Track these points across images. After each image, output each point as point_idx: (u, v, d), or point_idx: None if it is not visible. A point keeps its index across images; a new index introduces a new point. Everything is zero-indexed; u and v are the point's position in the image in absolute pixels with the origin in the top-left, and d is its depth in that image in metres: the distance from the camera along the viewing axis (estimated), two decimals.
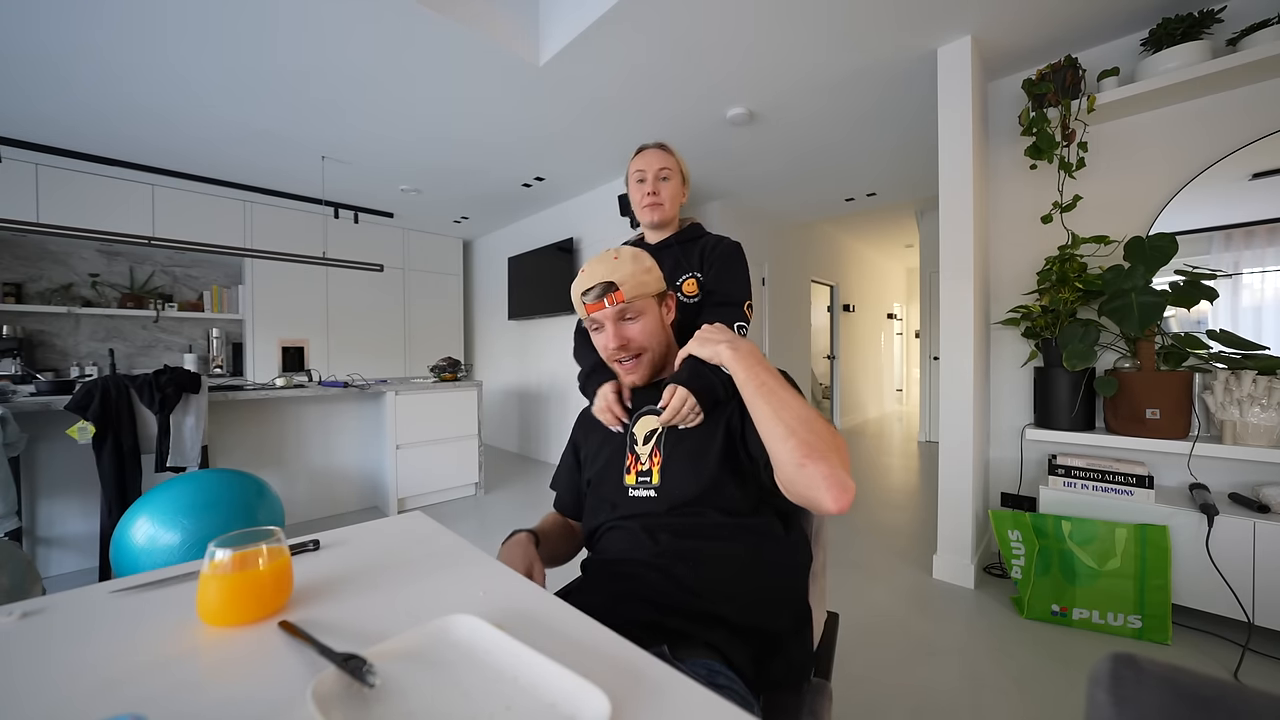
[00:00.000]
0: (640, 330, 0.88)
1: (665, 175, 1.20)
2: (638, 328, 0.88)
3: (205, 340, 4.34)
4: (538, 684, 0.44)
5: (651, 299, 0.90)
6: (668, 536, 0.79)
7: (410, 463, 3.27)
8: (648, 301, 0.89)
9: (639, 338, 0.88)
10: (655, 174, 1.20)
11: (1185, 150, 2.06)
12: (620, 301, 0.85)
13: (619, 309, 0.86)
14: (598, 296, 0.86)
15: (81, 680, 0.48)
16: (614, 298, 0.85)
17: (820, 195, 4.42)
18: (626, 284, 0.86)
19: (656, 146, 1.23)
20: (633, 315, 0.88)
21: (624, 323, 0.88)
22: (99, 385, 2.12)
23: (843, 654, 1.47)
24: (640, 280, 0.88)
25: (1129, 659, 0.40)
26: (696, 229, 1.26)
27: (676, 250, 1.22)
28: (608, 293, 0.85)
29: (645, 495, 0.84)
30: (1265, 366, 1.73)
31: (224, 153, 3.44)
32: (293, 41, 2.23)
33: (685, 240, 1.23)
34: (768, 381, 0.72)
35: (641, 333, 0.88)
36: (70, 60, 2.35)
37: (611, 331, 0.87)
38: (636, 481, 0.86)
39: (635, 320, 0.88)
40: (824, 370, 6.71)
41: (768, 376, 0.73)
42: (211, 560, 0.57)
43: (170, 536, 1.61)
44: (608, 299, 0.85)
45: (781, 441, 0.68)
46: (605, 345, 0.89)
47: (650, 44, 2.25)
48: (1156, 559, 1.73)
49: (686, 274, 1.19)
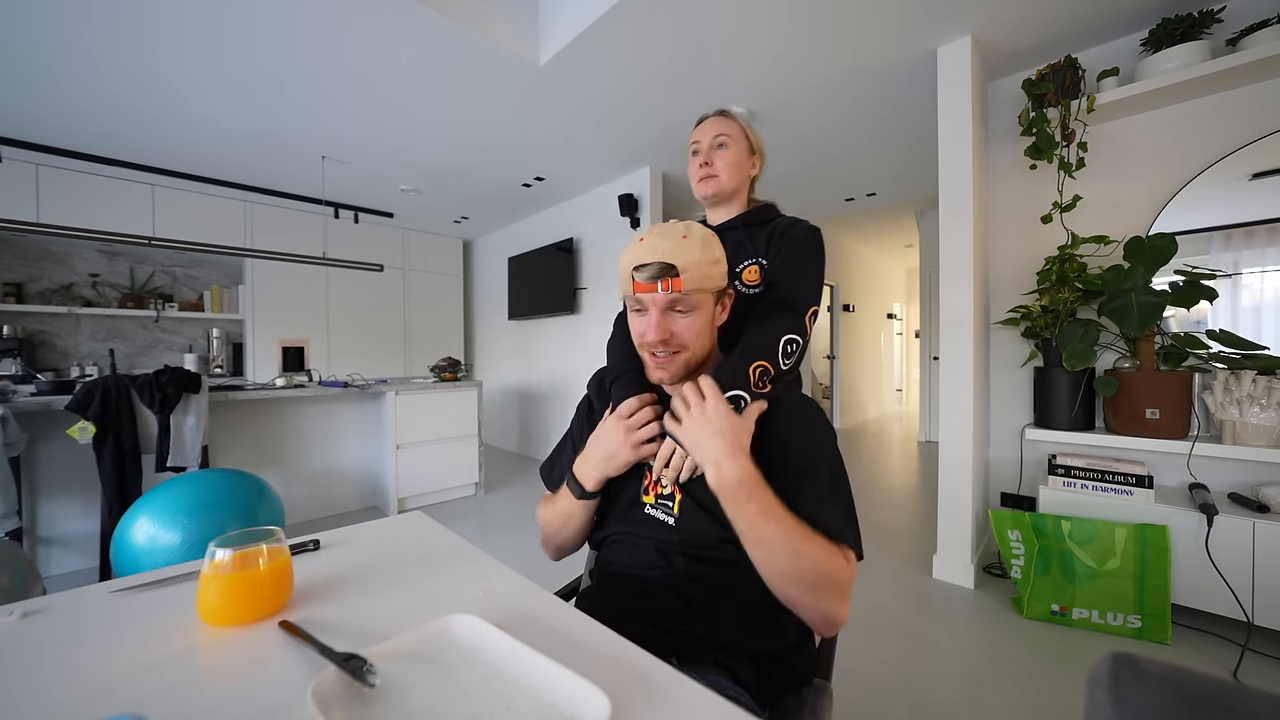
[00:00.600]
0: (688, 327, 0.76)
1: (722, 142, 1.03)
2: (686, 324, 0.76)
3: (205, 340, 4.34)
4: (538, 684, 0.44)
5: (710, 295, 0.78)
6: (682, 560, 0.76)
7: (410, 463, 3.27)
8: (705, 298, 0.77)
9: (684, 335, 0.76)
10: (710, 143, 1.04)
11: (1185, 150, 2.06)
12: (677, 290, 0.73)
13: (672, 298, 0.73)
14: (653, 277, 0.73)
15: (82, 680, 0.48)
16: (671, 284, 0.72)
17: (820, 195, 4.42)
18: (689, 272, 0.73)
19: (716, 114, 1.07)
20: (685, 309, 0.75)
21: (673, 314, 0.75)
22: (99, 385, 2.12)
23: (843, 654, 1.47)
24: (705, 272, 0.74)
25: (1128, 659, 0.40)
26: (769, 210, 1.07)
27: (741, 233, 1.03)
28: (665, 275, 0.72)
29: (663, 519, 0.78)
30: (1265, 366, 1.73)
31: (224, 153, 3.44)
32: (293, 41, 2.23)
33: (753, 223, 1.04)
34: (756, 526, 0.65)
35: (688, 330, 0.76)
36: (67, 60, 2.35)
37: (656, 321, 0.74)
38: (656, 502, 0.79)
39: (686, 315, 0.75)
40: (824, 370, 6.71)
41: (758, 519, 0.65)
42: (212, 560, 0.58)
43: (170, 536, 1.61)
44: (662, 283, 0.73)
45: (770, 580, 0.66)
46: (643, 333, 0.77)
47: (650, 44, 2.25)
48: (1156, 559, 1.73)
49: (749, 260, 1.01)
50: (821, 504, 0.69)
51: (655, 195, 3.77)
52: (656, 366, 0.78)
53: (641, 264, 0.74)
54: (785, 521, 0.65)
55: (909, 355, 9.25)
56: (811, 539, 0.65)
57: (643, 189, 3.76)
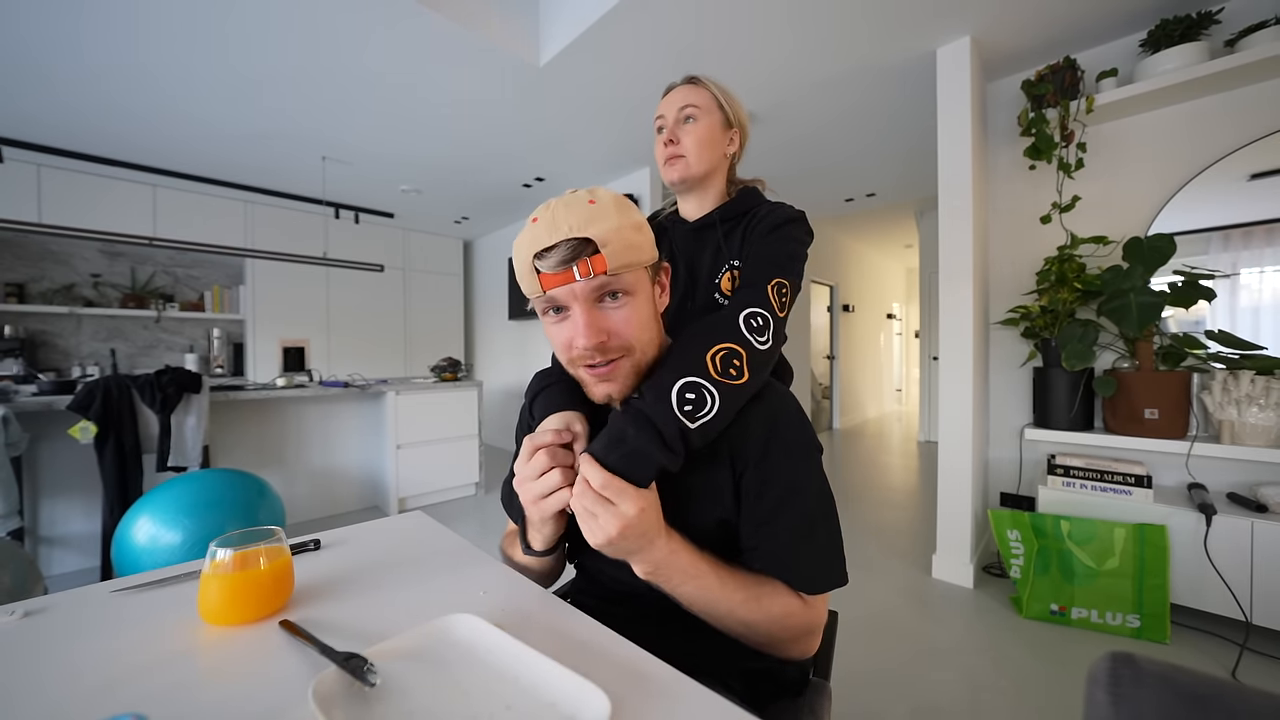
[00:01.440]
0: (627, 320, 0.58)
1: (690, 114, 0.84)
2: (623, 316, 0.58)
3: (206, 340, 4.34)
4: (538, 684, 0.45)
5: (644, 272, 0.60)
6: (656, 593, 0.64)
7: (411, 462, 3.27)
8: (639, 276, 0.59)
9: (624, 331, 0.59)
10: (676, 116, 0.85)
11: (1184, 151, 2.06)
12: (601, 272, 0.55)
13: (597, 283, 0.56)
14: (564, 261, 0.54)
15: (82, 680, 0.48)
16: (591, 264, 0.54)
17: (820, 195, 4.42)
18: (611, 244, 0.55)
19: (684, 82, 0.87)
20: (617, 295, 0.58)
21: (604, 308, 0.58)
22: (100, 385, 2.12)
23: (842, 654, 1.47)
24: (629, 241, 0.57)
25: (1127, 658, 0.40)
26: (751, 197, 0.86)
27: (717, 232, 0.84)
28: (580, 256, 0.54)
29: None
30: (1263, 366, 1.73)
31: (225, 153, 3.44)
32: (293, 41, 2.23)
33: (731, 217, 0.84)
34: (696, 605, 0.59)
35: (628, 324, 0.59)
36: (59, 59, 2.35)
37: (584, 320, 0.56)
38: None
39: (621, 305, 0.58)
40: (824, 370, 6.70)
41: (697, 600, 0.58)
42: (212, 560, 0.58)
43: (171, 536, 1.61)
44: (579, 266, 0.54)
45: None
46: (570, 343, 0.58)
47: (650, 44, 2.25)
48: (1155, 558, 1.73)
49: (726, 266, 0.83)
50: (789, 550, 0.61)
51: (655, 195, 3.77)
52: (598, 381, 0.60)
53: (544, 248, 0.55)
54: (725, 594, 0.58)
55: (909, 355, 9.25)
56: (760, 599, 0.59)
57: (643, 189, 3.77)
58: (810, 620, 0.62)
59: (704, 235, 0.86)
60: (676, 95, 0.87)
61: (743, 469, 0.62)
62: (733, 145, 0.89)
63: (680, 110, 0.85)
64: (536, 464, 0.57)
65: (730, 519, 0.63)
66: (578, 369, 0.61)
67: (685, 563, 0.57)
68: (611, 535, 0.52)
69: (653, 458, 0.55)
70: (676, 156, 0.85)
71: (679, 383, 0.57)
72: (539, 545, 0.65)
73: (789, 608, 0.60)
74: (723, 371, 0.59)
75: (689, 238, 0.88)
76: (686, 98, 0.85)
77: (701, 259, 0.86)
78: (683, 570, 0.57)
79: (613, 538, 0.52)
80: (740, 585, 0.59)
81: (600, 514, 0.52)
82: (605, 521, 0.52)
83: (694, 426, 0.56)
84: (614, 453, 0.55)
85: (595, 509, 0.53)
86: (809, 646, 0.64)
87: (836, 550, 0.64)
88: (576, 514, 0.55)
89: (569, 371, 0.64)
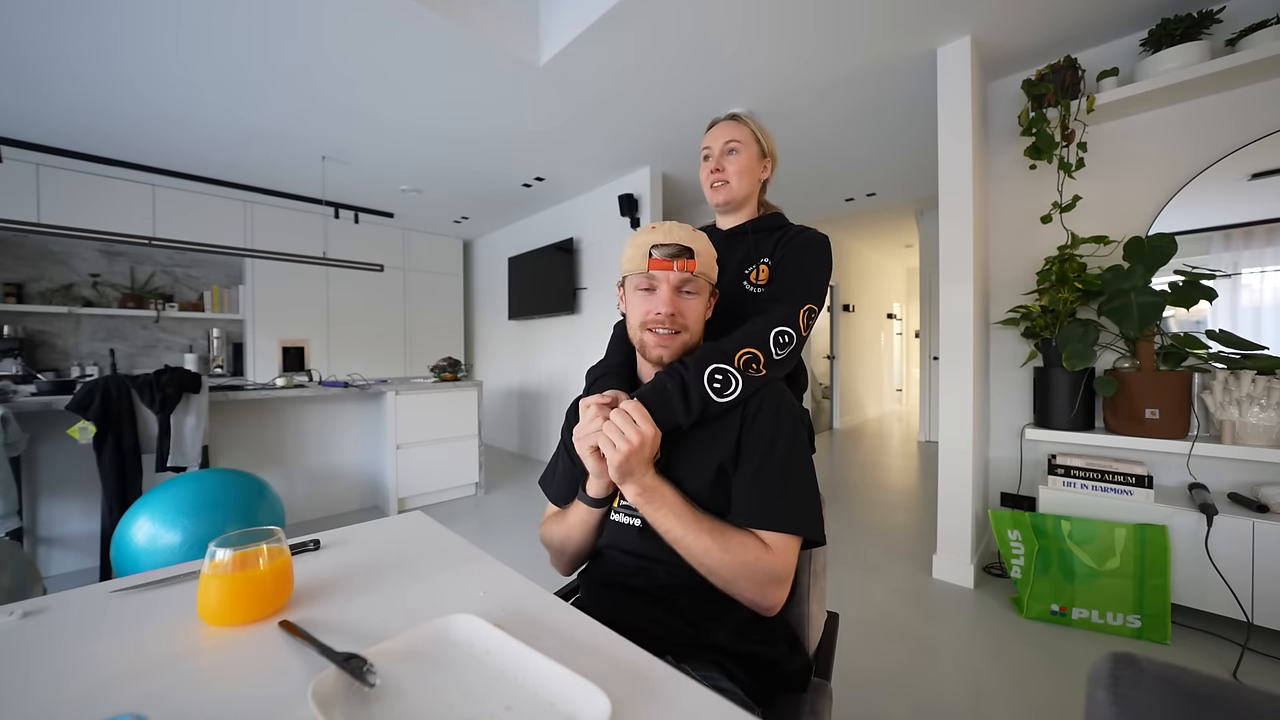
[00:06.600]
0: (692, 309, 0.83)
1: (733, 148, 1.04)
2: (691, 305, 0.83)
3: (206, 340, 4.34)
4: (538, 684, 0.45)
5: (708, 285, 0.86)
6: (665, 571, 0.77)
7: (410, 463, 3.27)
8: (706, 286, 0.85)
9: (688, 315, 0.82)
10: (721, 149, 1.05)
11: (1184, 150, 2.06)
12: (691, 271, 0.80)
13: (684, 277, 0.80)
14: (671, 255, 0.79)
15: (82, 680, 0.48)
16: (687, 264, 0.79)
17: (820, 195, 4.42)
18: (702, 258, 0.81)
19: (728, 118, 1.08)
20: (692, 291, 0.82)
21: (682, 295, 0.82)
22: (100, 385, 2.12)
23: (843, 654, 1.47)
24: (709, 263, 0.84)
25: (1128, 658, 0.40)
26: (778, 218, 1.09)
27: (750, 239, 1.05)
28: (682, 256, 0.79)
29: (628, 523, 0.80)
30: (1264, 366, 1.73)
31: (224, 153, 3.44)
32: (292, 41, 2.23)
33: (762, 229, 1.06)
34: (670, 531, 0.72)
35: (692, 312, 0.83)
36: (64, 60, 2.35)
37: (667, 296, 0.80)
38: (619, 507, 0.82)
39: (692, 297, 0.83)
40: (824, 370, 6.70)
41: (671, 526, 0.72)
42: (212, 560, 0.58)
43: (171, 536, 1.61)
44: (679, 262, 0.79)
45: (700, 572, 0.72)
46: (652, 309, 0.81)
47: (650, 44, 2.25)
48: (1156, 559, 1.73)
49: (759, 260, 1.03)
50: (764, 500, 0.73)
51: (655, 195, 3.77)
52: (657, 344, 0.82)
53: (661, 243, 0.80)
54: (696, 528, 0.71)
55: (909, 355, 9.24)
56: (729, 541, 0.71)
57: (643, 189, 3.77)
58: (773, 566, 0.71)
59: (735, 240, 1.06)
60: (721, 130, 1.06)
61: (739, 441, 0.78)
62: (766, 172, 1.10)
63: (725, 143, 1.05)
64: (589, 414, 0.77)
65: (728, 467, 0.77)
66: (644, 333, 0.83)
67: (669, 494, 0.74)
68: (628, 448, 0.70)
69: (675, 410, 0.76)
70: (723, 183, 1.05)
71: (711, 366, 0.78)
72: (595, 492, 0.80)
73: (755, 553, 0.71)
74: (743, 368, 0.80)
75: (722, 240, 1.07)
76: (730, 133, 1.05)
77: (731, 257, 1.04)
78: (664, 499, 0.73)
79: (627, 451, 0.70)
80: (712, 528, 0.72)
81: (626, 430, 0.71)
82: (628, 434, 0.71)
83: (715, 400, 0.78)
84: (652, 394, 0.77)
85: (623, 426, 0.72)
86: (775, 595, 0.72)
87: (807, 502, 0.76)
88: (604, 440, 0.72)
89: (633, 337, 0.86)
